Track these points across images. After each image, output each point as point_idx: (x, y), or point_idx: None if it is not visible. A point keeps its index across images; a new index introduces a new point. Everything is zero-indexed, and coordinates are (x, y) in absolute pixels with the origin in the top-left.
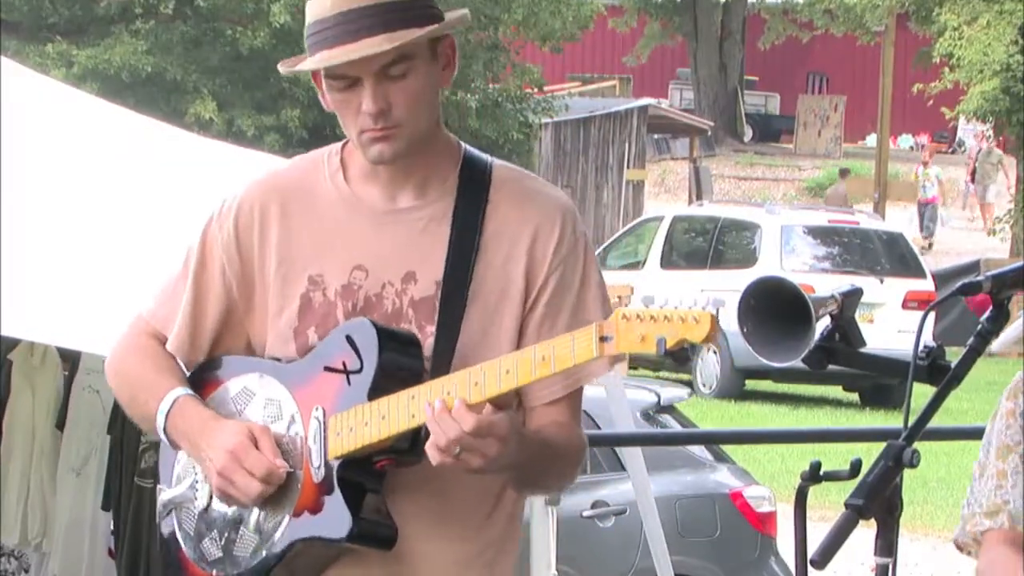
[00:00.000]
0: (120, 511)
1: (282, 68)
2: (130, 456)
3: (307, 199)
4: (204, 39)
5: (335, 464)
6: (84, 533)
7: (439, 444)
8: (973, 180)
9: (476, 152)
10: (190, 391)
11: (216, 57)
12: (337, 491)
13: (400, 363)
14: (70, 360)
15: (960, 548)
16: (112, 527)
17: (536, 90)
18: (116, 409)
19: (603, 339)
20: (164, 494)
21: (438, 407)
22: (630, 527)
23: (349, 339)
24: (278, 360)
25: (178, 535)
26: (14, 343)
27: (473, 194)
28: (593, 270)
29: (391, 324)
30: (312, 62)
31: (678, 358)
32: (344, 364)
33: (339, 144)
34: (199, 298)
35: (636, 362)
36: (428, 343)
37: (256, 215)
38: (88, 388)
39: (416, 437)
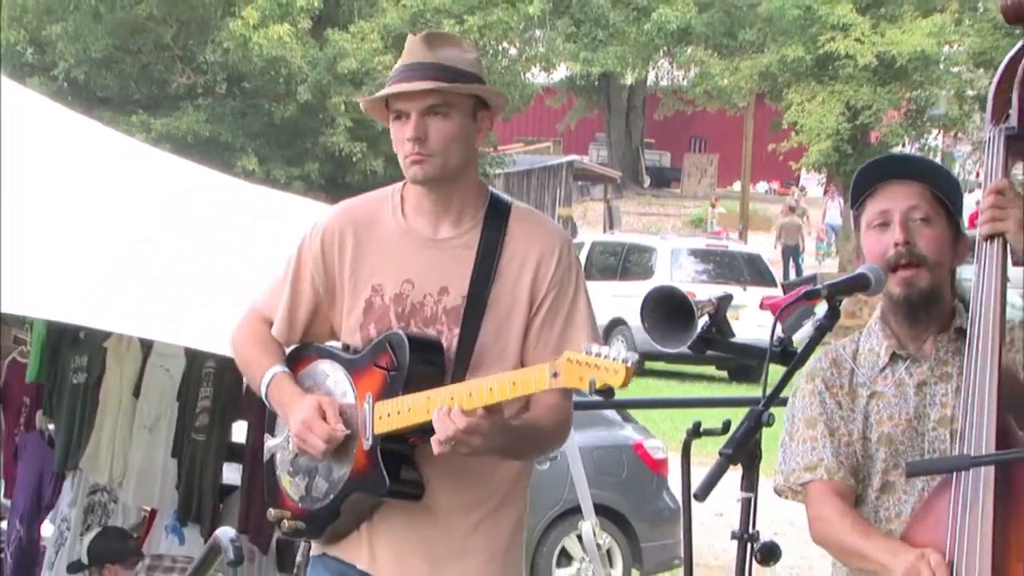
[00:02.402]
0: (181, 457)
1: (362, 101)
2: (190, 417)
3: (374, 226)
4: (248, 111)
5: (379, 438)
6: (156, 474)
7: (440, 438)
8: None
9: (499, 195)
10: (285, 368)
11: (257, 124)
12: (379, 459)
13: (426, 365)
14: (146, 346)
15: (779, 494)
16: (177, 469)
17: (492, 149)
18: (183, 381)
19: (554, 375)
20: (269, 441)
21: (443, 411)
22: (561, 469)
23: (391, 344)
24: (347, 349)
25: (277, 471)
26: (107, 334)
27: (495, 228)
28: (582, 287)
29: (427, 327)
30: (381, 92)
31: (605, 395)
32: (387, 364)
33: (400, 183)
34: (294, 298)
35: None
36: (454, 342)
37: (336, 237)
38: (160, 367)
39: (430, 427)
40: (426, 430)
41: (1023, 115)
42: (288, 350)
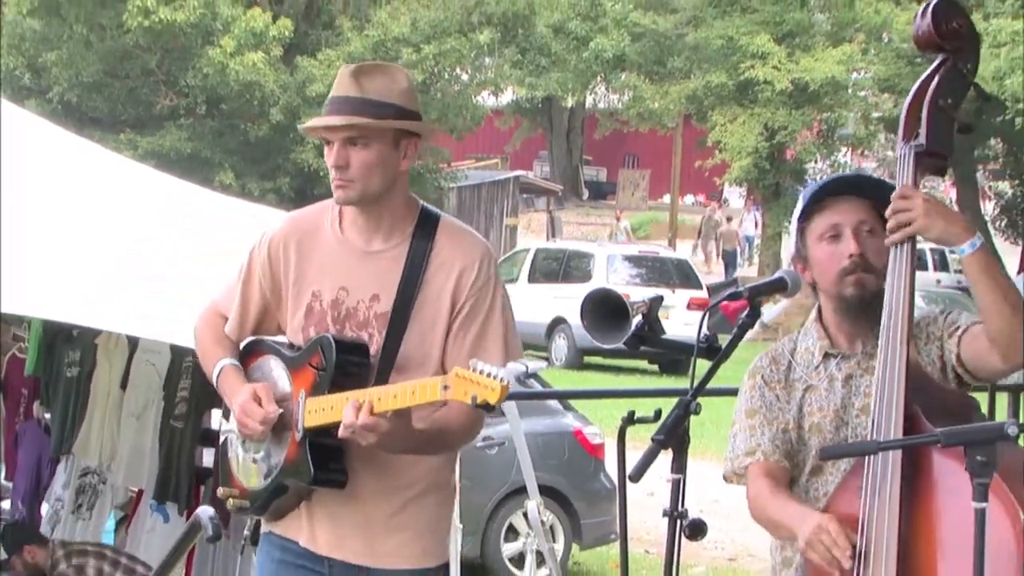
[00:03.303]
0: (162, 442)
1: (300, 127)
2: (171, 406)
3: (315, 237)
4: (225, 131)
5: (307, 432)
6: (144, 458)
7: (343, 425)
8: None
9: (430, 209)
10: (234, 361)
11: (234, 143)
12: (307, 451)
13: (351, 366)
14: (132, 342)
15: (727, 480)
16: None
17: (446, 165)
18: (168, 374)
19: (445, 387)
20: (224, 425)
21: (352, 404)
22: (508, 454)
23: (321, 346)
24: (291, 347)
25: (228, 453)
26: (98, 332)
27: (423, 240)
28: (499, 299)
29: (360, 331)
30: (308, 124)
31: (487, 409)
32: (317, 363)
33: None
34: (245, 299)
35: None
36: (380, 346)
37: (282, 246)
38: (146, 361)
39: None
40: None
41: (931, 134)
42: (244, 343)
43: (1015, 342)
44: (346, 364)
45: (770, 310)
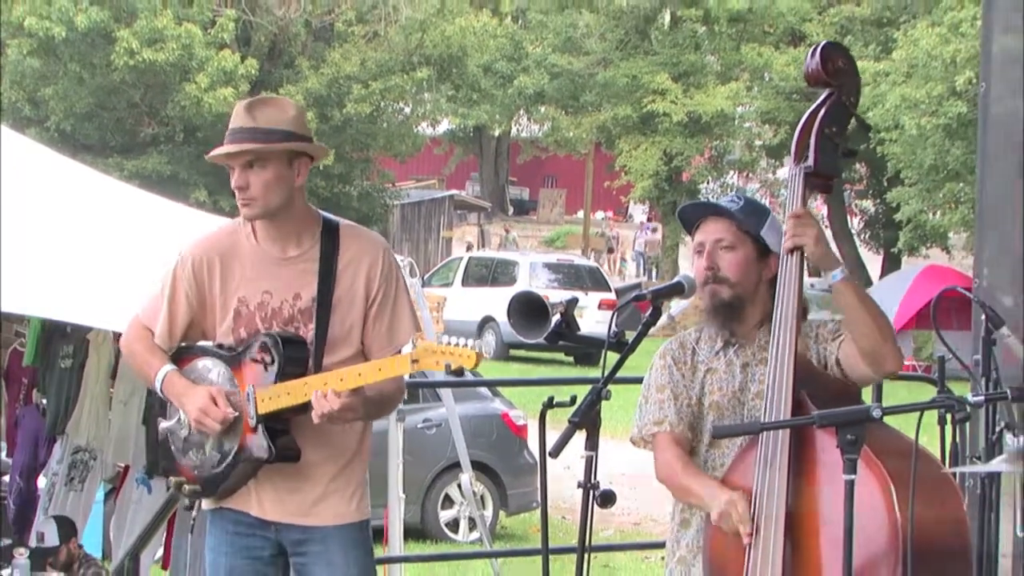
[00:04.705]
0: (146, 424)
1: (207, 156)
2: (152, 393)
3: (235, 252)
4: (200, 155)
5: (261, 417)
6: (130, 438)
7: (320, 414)
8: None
9: (329, 217)
10: (174, 367)
11: (208, 165)
12: (263, 433)
13: (295, 357)
14: (119, 338)
15: (634, 443)
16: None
17: (391, 184)
18: None
19: (414, 361)
20: (163, 424)
21: (319, 393)
22: (445, 433)
23: (264, 343)
24: (223, 347)
25: (171, 448)
26: (88, 329)
27: (330, 243)
28: (403, 283)
29: (287, 326)
30: (212, 154)
31: (456, 374)
32: (263, 358)
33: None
34: (172, 311)
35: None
36: (311, 335)
37: (204, 263)
38: None
39: (307, 404)
40: (298, 409)
41: (818, 157)
42: (173, 350)
43: (880, 356)
44: (290, 356)
45: (678, 304)
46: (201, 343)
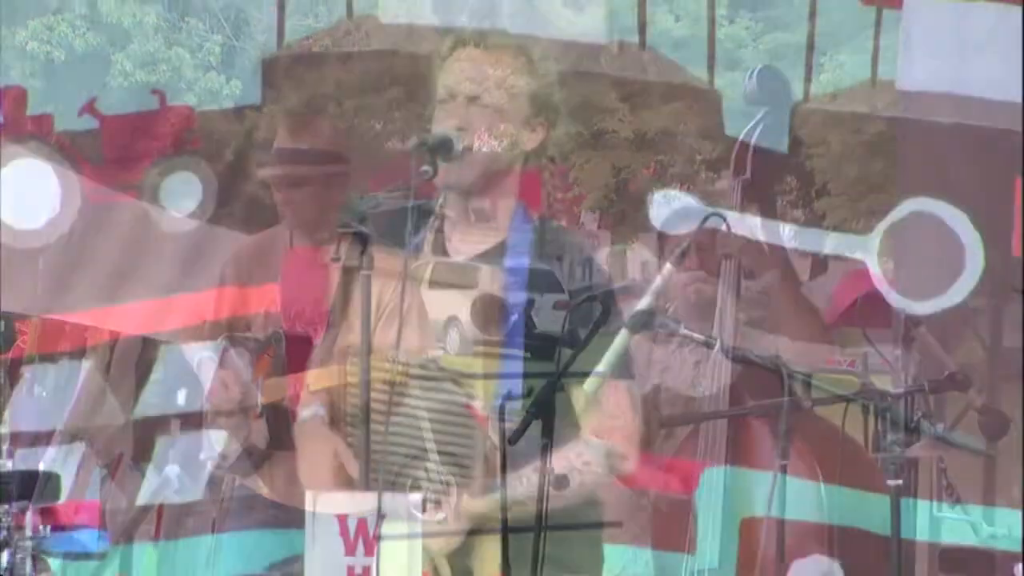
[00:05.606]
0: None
1: (260, 174)
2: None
3: (272, 255)
4: None
5: (265, 407)
6: (124, 428)
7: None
8: None
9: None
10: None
11: None
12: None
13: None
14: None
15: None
16: None
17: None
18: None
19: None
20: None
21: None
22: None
23: (273, 340)
24: (255, 341)
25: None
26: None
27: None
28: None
29: (306, 327)
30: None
31: None
32: (271, 353)
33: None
34: (219, 308)
35: None
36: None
37: (246, 264)
38: None
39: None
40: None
41: (755, 169)
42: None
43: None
44: (293, 353)
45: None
46: (244, 334)
